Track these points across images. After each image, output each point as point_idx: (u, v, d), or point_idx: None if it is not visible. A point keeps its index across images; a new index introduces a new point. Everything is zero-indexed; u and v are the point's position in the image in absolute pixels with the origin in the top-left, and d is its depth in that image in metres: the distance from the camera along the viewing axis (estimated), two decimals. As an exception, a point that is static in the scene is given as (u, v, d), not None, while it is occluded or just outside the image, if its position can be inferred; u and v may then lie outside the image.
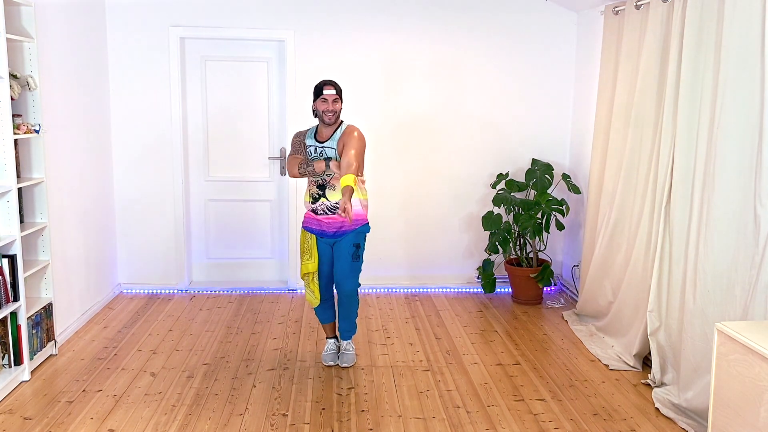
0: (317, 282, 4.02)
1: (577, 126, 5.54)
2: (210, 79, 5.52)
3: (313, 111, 3.90)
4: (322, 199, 3.88)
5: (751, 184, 3.08)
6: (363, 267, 4.08)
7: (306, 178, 3.96)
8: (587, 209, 4.99)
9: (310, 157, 3.90)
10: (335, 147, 3.86)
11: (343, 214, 3.48)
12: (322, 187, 3.88)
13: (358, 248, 3.96)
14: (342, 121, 3.94)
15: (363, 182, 3.93)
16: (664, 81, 3.92)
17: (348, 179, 3.57)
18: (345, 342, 4.20)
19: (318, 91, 3.85)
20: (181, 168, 5.48)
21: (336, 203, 3.85)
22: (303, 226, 4.04)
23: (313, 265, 3.98)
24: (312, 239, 3.98)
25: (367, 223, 4.00)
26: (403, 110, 5.54)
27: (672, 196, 3.76)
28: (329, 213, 3.88)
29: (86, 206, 4.91)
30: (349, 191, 3.55)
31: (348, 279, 3.96)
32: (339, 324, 4.19)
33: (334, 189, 3.85)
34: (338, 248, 3.95)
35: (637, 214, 4.17)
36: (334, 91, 3.82)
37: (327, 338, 4.27)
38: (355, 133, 3.85)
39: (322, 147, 3.89)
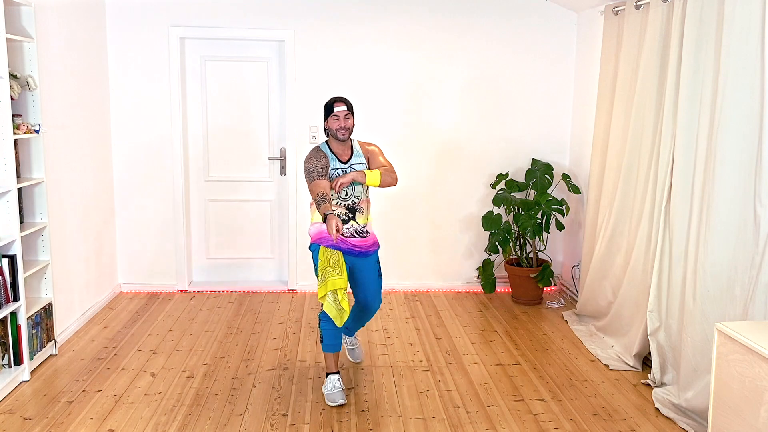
0: (347, 298, 3.63)
1: (577, 126, 5.54)
2: (210, 79, 5.52)
3: (325, 130, 3.73)
4: (352, 221, 3.71)
5: (751, 183, 3.08)
6: None
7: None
8: (587, 209, 4.99)
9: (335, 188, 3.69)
10: (364, 162, 3.75)
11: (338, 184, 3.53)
12: (352, 210, 3.71)
13: (380, 265, 3.87)
14: (351, 139, 3.80)
15: (369, 203, 3.79)
16: (664, 81, 3.92)
17: (375, 175, 3.63)
18: (351, 338, 4.18)
19: (328, 109, 3.69)
20: (181, 168, 5.47)
21: (363, 227, 3.73)
22: (323, 245, 3.63)
23: (343, 280, 3.58)
24: (339, 254, 3.63)
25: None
26: (402, 110, 5.54)
27: (672, 196, 3.76)
28: (357, 236, 3.71)
29: (86, 206, 4.91)
30: (361, 176, 3.60)
31: (377, 299, 3.85)
32: (350, 325, 4.00)
33: (362, 212, 3.74)
34: (365, 267, 3.76)
35: (637, 214, 4.17)
36: (345, 108, 3.67)
37: (329, 374, 3.75)
38: (373, 145, 3.84)
39: (348, 167, 3.70)
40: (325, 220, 3.34)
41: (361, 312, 3.90)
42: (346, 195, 3.70)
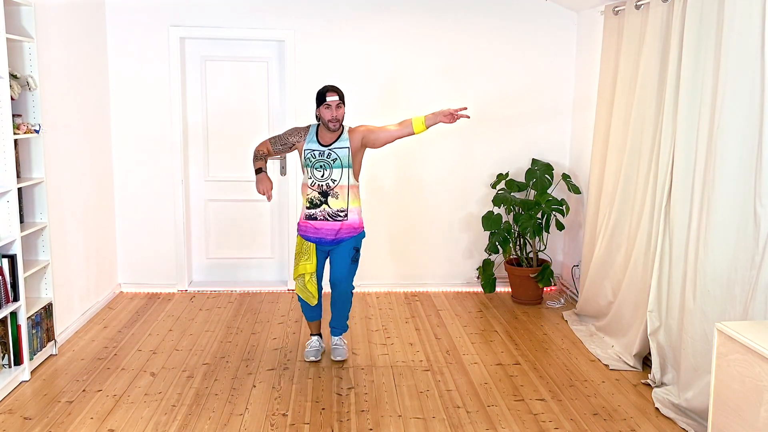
0: (314, 282, 4.06)
1: (577, 126, 5.54)
2: (210, 79, 5.52)
3: (317, 117, 3.94)
4: (324, 205, 3.93)
5: (751, 184, 3.08)
6: (363, 267, 4.14)
7: (304, 187, 4.00)
8: (587, 209, 4.99)
9: (308, 163, 3.92)
10: (348, 146, 3.90)
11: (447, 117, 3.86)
12: (325, 194, 3.92)
13: (357, 252, 4.06)
14: (342, 126, 3.96)
15: (349, 189, 3.96)
16: (664, 81, 3.92)
17: (418, 121, 3.87)
18: (336, 338, 4.26)
19: (321, 97, 3.87)
20: (181, 168, 5.48)
21: (338, 210, 3.92)
22: (300, 234, 4.05)
23: (311, 266, 4.02)
24: (312, 245, 4.02)
25: (364, 230, 4.12)
26: (402, 110, 5.53)
27: (672, 196, 3.76)
28: (329, 219, 3.94)
29: (86, 206, 4.91)
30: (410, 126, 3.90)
31: (345, 280, 4.07)
32: (331, 321, 4.26)
33: (337, 197, 3.92)
34: (338, 251, 4.03)
35: (637, 214, 4.17)
36: (337, 98, 3.85)
37: (311, 335, 4.31)
38: (362, 126, 3.97)
39: (328, 149, 3.90)
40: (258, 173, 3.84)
41: (333, 291, 4.12)
42: (322, 177, 3.90)
